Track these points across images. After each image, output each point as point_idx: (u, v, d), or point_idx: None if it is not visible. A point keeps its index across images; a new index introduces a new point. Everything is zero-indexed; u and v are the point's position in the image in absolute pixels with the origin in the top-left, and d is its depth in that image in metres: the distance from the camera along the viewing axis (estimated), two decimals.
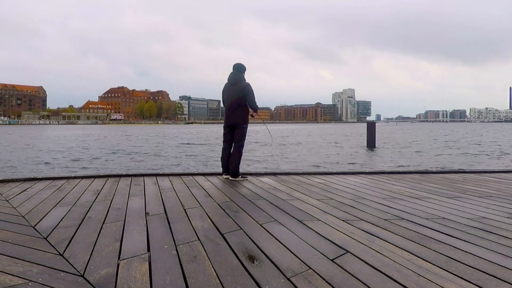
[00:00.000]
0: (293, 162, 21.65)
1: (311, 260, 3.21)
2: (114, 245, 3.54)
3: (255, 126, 10.09)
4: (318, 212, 4.98)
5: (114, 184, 6.89)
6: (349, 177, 8.22)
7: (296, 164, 20.41)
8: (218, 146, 26.82)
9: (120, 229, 4.08)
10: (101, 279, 2.79)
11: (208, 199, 5.74)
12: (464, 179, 8.11)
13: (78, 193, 6.10)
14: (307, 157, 24.94)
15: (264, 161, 21.57)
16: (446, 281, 2.81)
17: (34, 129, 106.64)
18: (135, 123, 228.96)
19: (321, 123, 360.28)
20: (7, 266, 2.96)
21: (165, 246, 3.53)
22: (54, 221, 4.39)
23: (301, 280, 2.79)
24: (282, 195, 6.05)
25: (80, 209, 5.02)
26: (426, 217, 4.77)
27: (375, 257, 3.31)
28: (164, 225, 4.26)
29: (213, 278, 2.81)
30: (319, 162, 21.40)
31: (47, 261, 3.11)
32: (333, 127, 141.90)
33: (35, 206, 5.18)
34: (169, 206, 5.19)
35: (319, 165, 20.22)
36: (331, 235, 3.93)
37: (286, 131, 79.14)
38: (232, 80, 7.86)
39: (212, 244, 3.61)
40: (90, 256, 3.24)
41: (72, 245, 3.55)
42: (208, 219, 4.52)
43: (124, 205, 5.24)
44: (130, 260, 3.16)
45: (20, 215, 4.69)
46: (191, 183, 7.08)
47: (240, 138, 7.83)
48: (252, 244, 3.64)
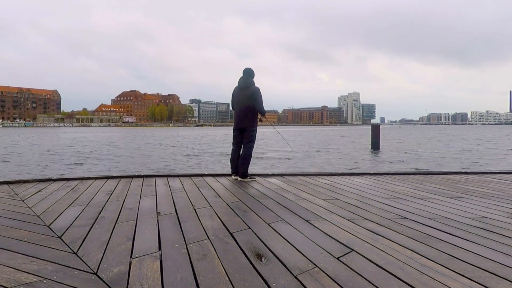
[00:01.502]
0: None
1: (317, 259, 3.20)
2: (127, 244, 3.56)
3: (263, 128, 10.07)
4: (324, 212, 4.97)
5: (126, 185, 6.91)
6: (354, 178, 8.20)
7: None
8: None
9: (132, 228, 4.09)
10: (113, 276, 2.80)
11: (218, 199, 5.74)
12: (465, 180, 8.07)
13: (92, 193, 6.12)
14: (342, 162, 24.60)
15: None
16: (448, 279, 2.81)
17: (50, 131, 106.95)
18: (147, 126, 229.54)
19: (327, 125, 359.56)
20: (23, 264, 2.98)
21: (176, 245, 3.53)
22: (68, 220, 4.41)
23: (307, 278, 2.79)
24: (289, 196, 6.04)
25: (94, 209, 5.04)
26: (429, 216, 4.75)
27: (379, 255, 3.30)
28: (175, 224, 4.27)
29: (222, 276, 2.82)
30: (339, 164, 21.26)
31: (61, 260, 3.13)
32: (339, 129, 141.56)
33: (50, 206, 5.20)
34: (179, 206, 5.20)
35: (335, 165, 20.12)
36: (337, 234, 3.93)
37: (297, 134, 78.71)
38: (243, 84, 7.87)
39: (221, 243, 3.61)
40: (103, 255, 3.26)
41: (86, 244, 3.57)
42: (218, 219, 4.53)
43: (136, 205, 5.25)
44: (142, 259, 3.16)
45: (35, 214, 4.71)
46: (201, 184, 7.09)
47: (250, 140, 7.85)
48: (260, 243, 3.64)
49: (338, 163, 21.92)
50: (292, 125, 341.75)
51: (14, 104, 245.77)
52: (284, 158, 23.84)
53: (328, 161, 23.09)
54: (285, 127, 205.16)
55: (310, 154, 27.99)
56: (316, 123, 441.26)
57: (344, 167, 19.59)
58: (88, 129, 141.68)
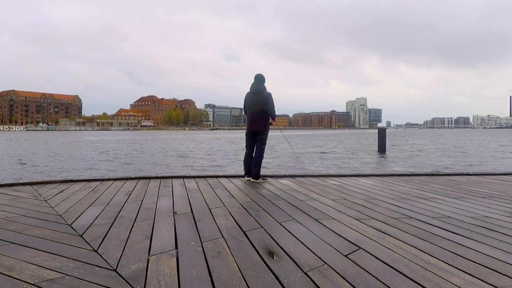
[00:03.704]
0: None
1: (326, 256, 3.20)
2: (145, 242, 3.57)
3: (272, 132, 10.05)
4: (333, 211, 4.96)
5: (144, 186, 6.94)
6: (362, 179, 8.19)
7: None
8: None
9: (150, 227, 4.11)
10: (132, 273, 2.81)
11: (231, 199, 5.75)
12: (467, 181, 8.03)
13: (111, 193, 6.15)
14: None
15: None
16: (451, 275, 2.81)
17: (73, 134, 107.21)
18: (164, 129, 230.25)
19: (336, 129, 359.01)
20: (46, 261, 3.01)
21: (192, 243, 3.54)
22: (89, 219, 4.44)
23: (317, 274, 2.79)
24: (300, 196, 6.04)
25: (113, 208, 5.06)
26: (433, 216, 4.73)
27: (385, 253, 3.30)
28: (191, 223, 4.28)
29: (236, 273, 2.82)
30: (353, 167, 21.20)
31: (82, 257, 3.15)
32: (348, 133, 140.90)
33: (72, 206, 5.24)
34: (195, 206, 5.21)
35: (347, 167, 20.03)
36: (345, 233, 3.92)
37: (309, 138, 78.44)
38: (255, 90, 7.90)
39: (235, 241, 3.62)
40: (122, 252, 3.27)
41: (106, 242, 3.59)
42: (231, 218, 4.54)
43: (154, 205, 5.27)
44: (159, 256, 3.18)
45: (57, 214, 4.75)
46: (215, 185, 7.10)
47: (262, 143, 7.87)
48: (271, 241, 3.64)
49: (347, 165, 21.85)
50: (302, 129, 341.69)
51: (37, 109, 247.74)
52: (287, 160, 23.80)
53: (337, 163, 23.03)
54: (295, 131, 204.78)
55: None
56: (325, 126, 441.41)
57: (351, 169, 19.52)
58: (108, 133, 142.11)
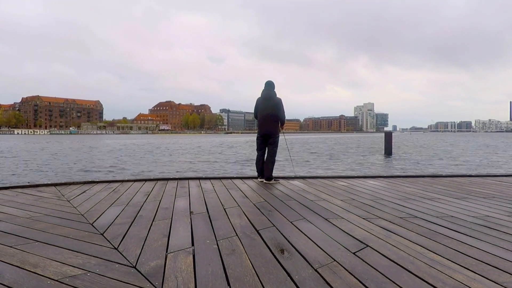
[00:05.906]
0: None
1: (336, 253, 3.20)
2: (163, 240, 3.59)
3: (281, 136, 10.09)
4: (342, 211, 4.96)
5: (162, 187, 6.97)
6: (369, 180, 8.16)
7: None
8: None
9: (167, 226, 4.13)
10: (151, 270, 2.83)
11: (245, 199, 5.76)
12: (470, 182, 8.00)
13: (131, 194, 6.18)
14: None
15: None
16: (454, 271, 2.80)
17: (95, 138, 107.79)
18: (181, 133, 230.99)
19: (344, 133, 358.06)
20: (69, 258, 3.03)
21: (207, 241, 3.55)
22: (110, 219, 4.47)
23: (326, 271, 2.79)
24: (310, 196, 6.03)
25: (133, 208, 5.09)
26: (437, 215, 4.72)
27: (391, 250, 3.29)
28: (206, 222, 4.29)
29: (250, 269, 2.83)
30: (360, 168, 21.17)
31: (103, 254, 3.17)
32: (356, 136, 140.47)
33: (93, 206, 5.27)
34: (210, 206, 5.22)
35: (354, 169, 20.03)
36: (353, 231, 3.92)
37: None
38: (266, 95, 7.94)
39: (248, 239, 3.62)
40: (141, 250, 3.29)
41: (126, 240, 3.61)
42: (245, 217, 4.54)
43: (171, 205, 5.29)
44: (176, 253, 3.19)
45: (80, 213, 4.78)
46: (230, 186, 7.11)
47: (274, 146, 7.88)
48: (283, 239, 3.64)
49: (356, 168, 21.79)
50: (312, 133, 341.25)
51: (61, 113, 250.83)
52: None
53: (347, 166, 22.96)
54: (306, 135, 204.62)
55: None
56: (334, 130, 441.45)
57: (359, 171, 19.47)
58: (128, 136, 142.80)
